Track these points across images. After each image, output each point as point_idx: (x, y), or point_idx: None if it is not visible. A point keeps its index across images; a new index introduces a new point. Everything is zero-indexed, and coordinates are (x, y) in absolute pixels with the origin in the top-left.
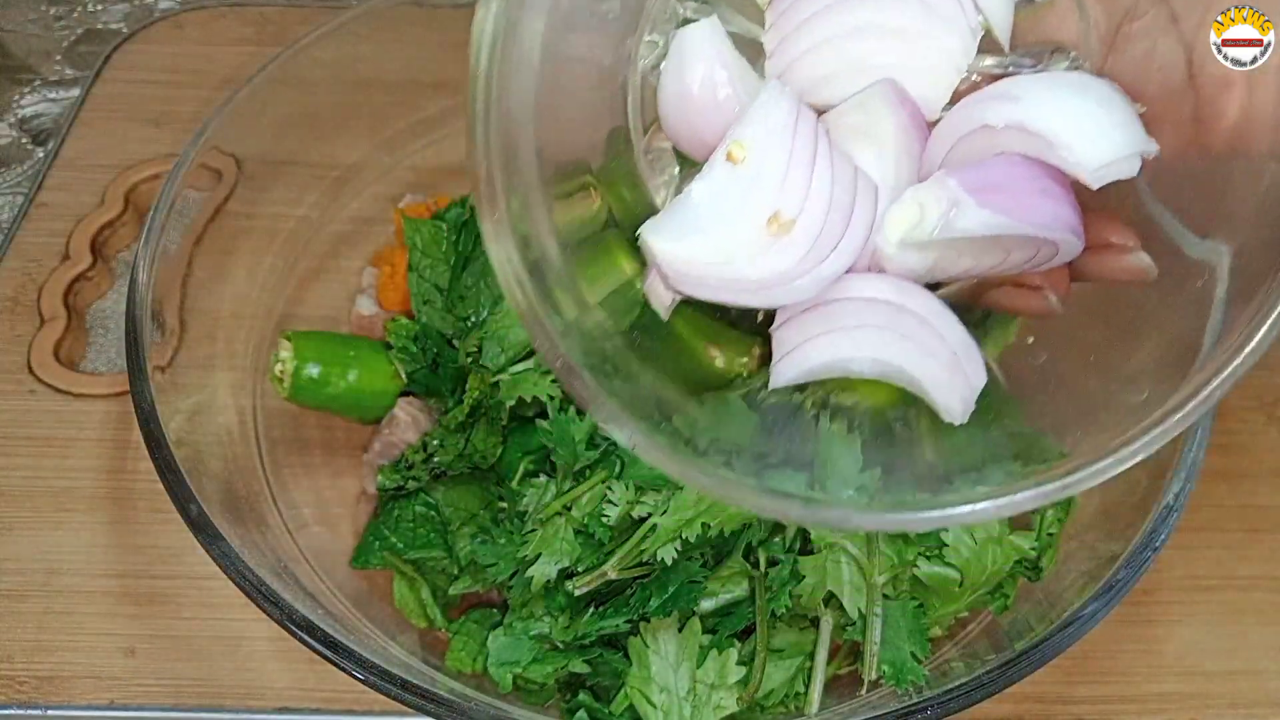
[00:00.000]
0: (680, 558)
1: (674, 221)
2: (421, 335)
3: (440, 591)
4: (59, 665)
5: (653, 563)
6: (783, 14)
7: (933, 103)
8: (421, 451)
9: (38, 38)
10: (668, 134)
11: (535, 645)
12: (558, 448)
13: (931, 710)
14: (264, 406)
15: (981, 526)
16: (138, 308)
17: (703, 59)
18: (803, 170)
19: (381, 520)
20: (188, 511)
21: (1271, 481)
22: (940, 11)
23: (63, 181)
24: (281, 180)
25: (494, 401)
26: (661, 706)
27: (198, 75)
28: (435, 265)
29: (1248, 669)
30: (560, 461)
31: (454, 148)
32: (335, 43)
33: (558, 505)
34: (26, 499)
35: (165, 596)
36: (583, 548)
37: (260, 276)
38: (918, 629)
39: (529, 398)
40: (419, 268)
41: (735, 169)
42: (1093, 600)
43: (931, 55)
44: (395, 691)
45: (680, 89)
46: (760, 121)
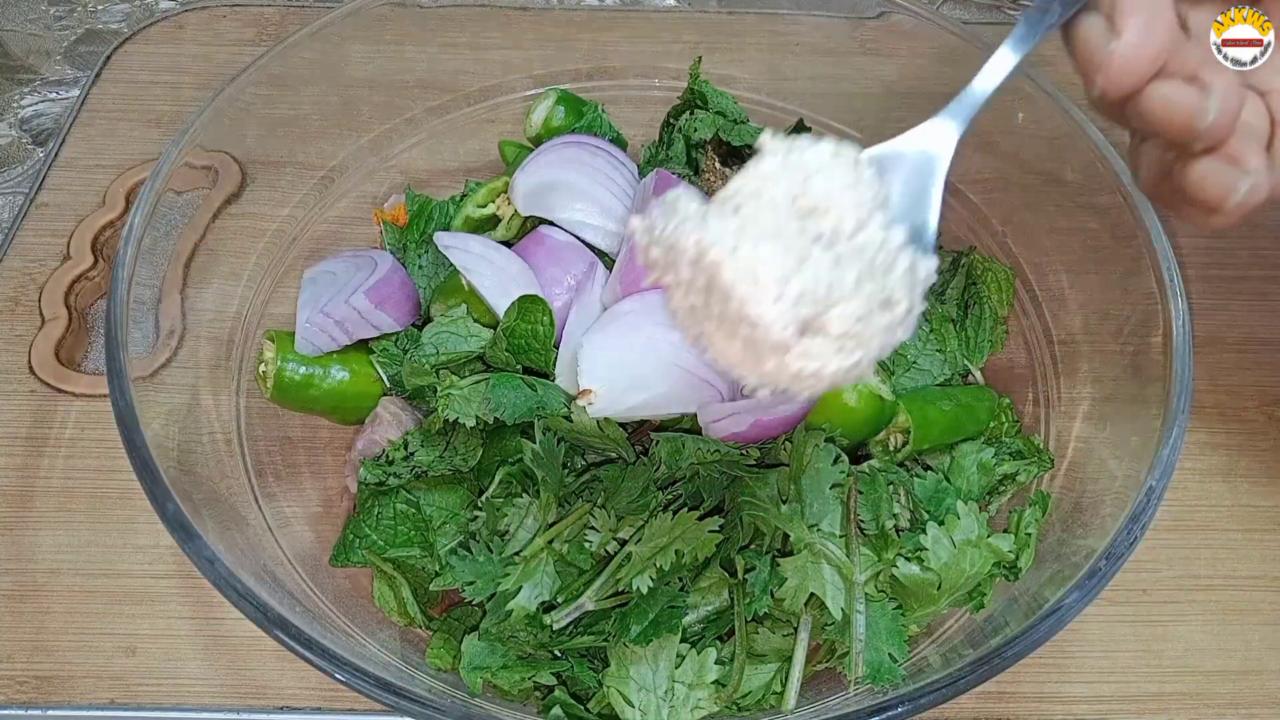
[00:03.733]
0: (657, 584)
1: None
2: (403, 338)
3: (421, 589)
4: (59, 665)
5: (629, 591)
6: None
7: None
8: (403, 449)
9: (38, 38)
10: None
11: (507, 652)
12: (544, 474)
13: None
14: (247, 406)
15: (960, 530)
16: (118, 307)
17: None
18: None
19: (362, 517)
20: (164, 510)
21: (1270, 481)
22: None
23: (63, 181)
24: (267, 180)
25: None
26: (640, 705)
27: (198, 75)
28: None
29: (1248, 669)
30: (545, 490)
31: (439, 148)
32: (320, 43)
33: (542, 541)
34: (26, 499)
35: (165, 596)
36: (562, 578)
37: (245, 276)
38: (896, 630)
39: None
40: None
41: None
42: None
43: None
44: (370, 689)
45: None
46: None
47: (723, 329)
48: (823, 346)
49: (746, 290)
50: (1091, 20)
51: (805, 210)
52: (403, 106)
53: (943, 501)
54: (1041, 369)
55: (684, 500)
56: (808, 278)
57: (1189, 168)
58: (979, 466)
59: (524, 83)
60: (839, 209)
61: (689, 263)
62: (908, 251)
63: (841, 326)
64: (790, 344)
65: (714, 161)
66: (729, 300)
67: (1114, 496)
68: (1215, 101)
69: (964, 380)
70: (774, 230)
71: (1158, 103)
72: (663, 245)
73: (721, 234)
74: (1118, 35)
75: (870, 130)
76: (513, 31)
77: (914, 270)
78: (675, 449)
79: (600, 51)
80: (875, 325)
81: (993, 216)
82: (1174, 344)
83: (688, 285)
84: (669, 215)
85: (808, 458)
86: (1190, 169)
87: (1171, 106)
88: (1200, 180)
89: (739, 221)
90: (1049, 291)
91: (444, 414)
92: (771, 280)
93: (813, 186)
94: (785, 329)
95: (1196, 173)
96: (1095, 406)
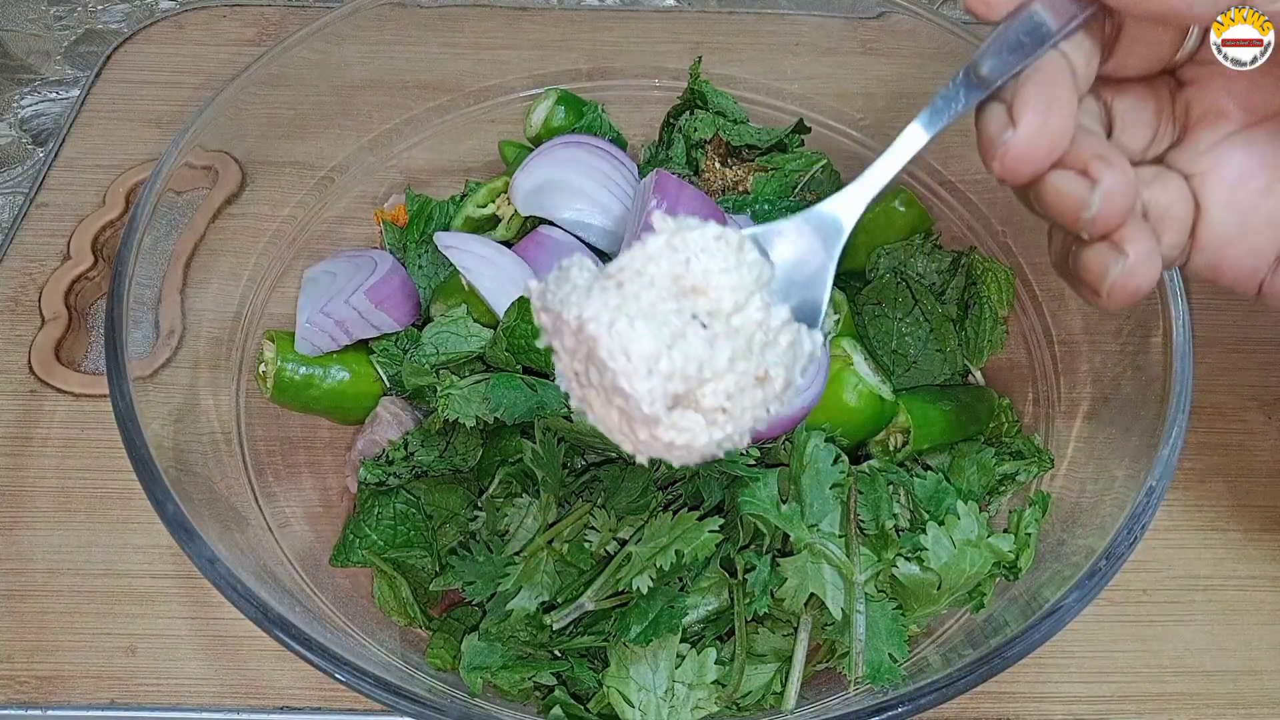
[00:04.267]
0: (657, 584)
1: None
2: (403, 338)
3: (421, 588)
4: (59, 665)
5: (629, 592)
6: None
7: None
8: (403, 449)
9: (38, 38)
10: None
11: (507, 652)
12: (544, 474)
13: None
14: (248, 406)
15: (960, 530)
16: (118, 307)
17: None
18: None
19: (361, 517)
20: (164, 510)
21: (1271, 481)
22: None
23: (63, 181)
24: (267, 180)
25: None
26: (639, 705)
27: (198, 75)
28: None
29: (1248, 669)
30: (545, 490)
31: (439, 148)
32: (320, 42)
33: (542, 541)
34: (26, 499)
35: (165, 596)
36: (562, 578)
37: (245, 276)
38: (896, 630)
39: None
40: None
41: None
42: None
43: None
44: (369, 689)
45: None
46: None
47: (601, 397)
48: (694, 420)
49: (620, 365)
50: (994, 109)
51: (685, 289)
52: (403, 106)
53: (943, 501)
54: (1041, 369)
55: (684, 500)
56: (679, 355)
57: (1080, 253)
58: (979, 466)
59: (524, 83)
60: (718, 289)
61: (571, 333)
62: (791, 328)
63: (713, 402)
64: (660, 418)
65: (714, 161)
66: (605, 371)
67: (1114, 496)
68: (1099, 195)
69: (964, 380)
70: (651, 308)
71: (1049, 192)
72: (550, 313)
73: (601, 309)
74: (1014, 127)
75: (870, 130)
76: (513, 31)
77: (797, 346)
78: None
79: (600, 51)
80: (748, 400)
81: (993, 216)
82: (1174, 344)
83: (571, 352)
84: (560, 283)
85: (808, 458)
86: (1081, 255)
87: (1060, 197)
88: (1084, 266)
89: (619, 298)
90: (1049, 291)
91: (444, 414)
92: (643, 356)
93: (694, 267)
94: (654, 404)
95: (1083, 259)
96: (1095, 406)
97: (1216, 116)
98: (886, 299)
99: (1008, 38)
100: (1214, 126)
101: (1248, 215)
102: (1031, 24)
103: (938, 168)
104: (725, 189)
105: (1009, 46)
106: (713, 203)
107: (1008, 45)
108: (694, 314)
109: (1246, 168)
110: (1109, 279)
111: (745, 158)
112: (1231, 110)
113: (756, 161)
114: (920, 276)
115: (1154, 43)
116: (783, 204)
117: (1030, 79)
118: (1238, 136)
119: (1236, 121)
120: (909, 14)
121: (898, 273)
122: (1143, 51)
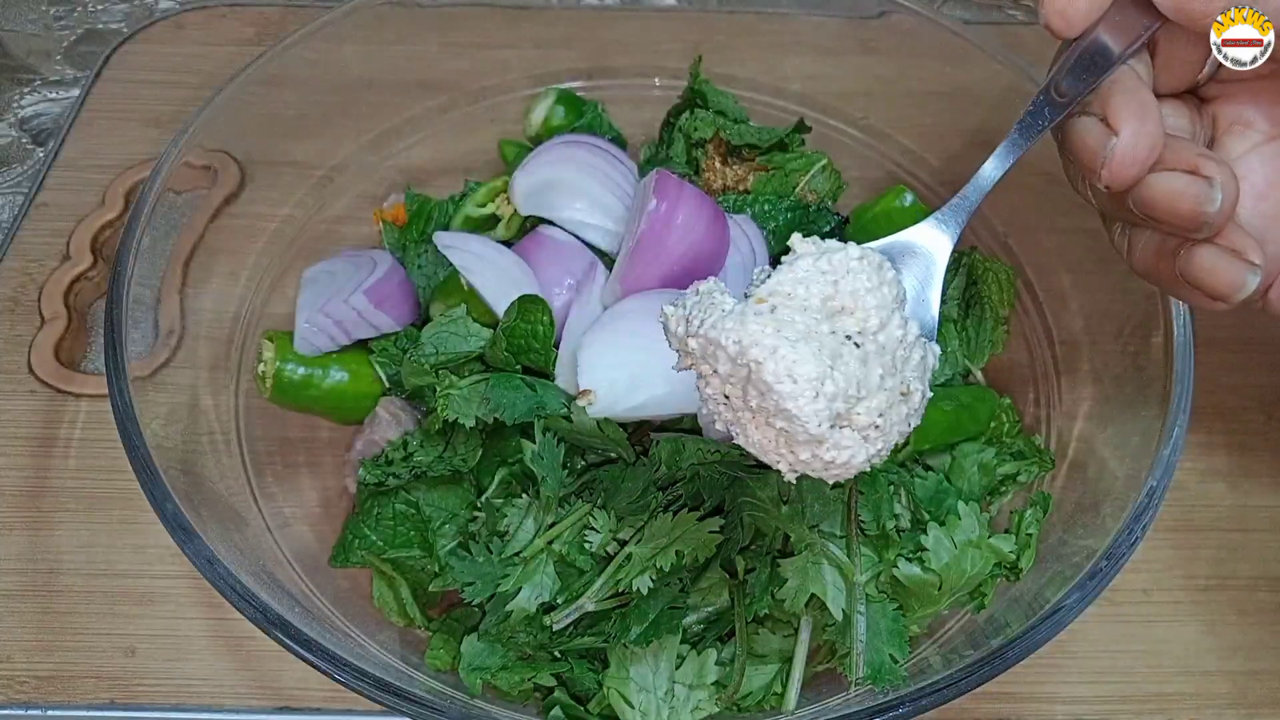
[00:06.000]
0: (657, 585)
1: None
2: (403, 338)
3: (420, 589)
4: (59, 665)
5: (629, 592)
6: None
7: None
8: (402, 450)
9: (38, 38)
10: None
11: (507, 653)
12: (544, 475)
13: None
14: (247, 406)
15: (961, 530)
16: (117, 307)
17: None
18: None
19: (361, 517)
20: (164, 510)
21: (1270, 481)
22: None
23: (63, 181)
24: (266, 180)
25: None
26: (640, 706)
27: (198, 75)
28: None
29: (1248, 669)
30: (545, 490)
31: (439, 147)
32: (320, 42)
33: (541, 542)
34: (26, 499)
35: (165, 596)
36: (563, 579)
37: (244, 276)
38: (897, 631)
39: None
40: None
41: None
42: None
43: None
44: (369, 690)
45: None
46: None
47: (758, 419)
48: (851, 438)
49: (786, 388)
50: (1086, 122)
51: (835, 311)
52: (402, 106)
53: (944, 502)
54: (1043, 369)
55: (684, 501)
56: (840, 376)
57: (1193, 255)
58: (980, 467)
59: (524, 82)
60: (865, 309)
61: (729, 358)
62: (920, 344)
63: (868, 419)
64: (824, 437)
65: (714, 161)
66: (767, 395)
67: (1115, 497)
68: (1219, 191)
69: (965, 380)
70: (808, 331)
71: (1162, 192)
72: (700, 338)
73: (761, 334)
74: (1116, 133)
75: (870, 130)
76: (512, 31)
77: (926, 360)
78: (675, 449)
79: (600, 51)
80: (895, 415)
81: (994, 216)
82: (1175, 344)
83: (725, 377)
84: (705, 308)
85: None
86: (1195, 258)
87: (1177, 197)
88: (1208, 272)
89: (775, 322)
90: (1050, 291)
91: (443, 414)
92: (808, 379)
93: (842, 288)
94: (820, 425)
95: (1202, 264)
96: (1096, 406)
97: (1243, 127)
98: None
99: (1083, 56)
100: (1241, 137)
101: (1270, 223)
102: (1101, 44)
103: (938, 168)
104: (725, 188)
105: (1085, 65)
106: (713, 202)
107: (1084, 64)
108: (847, 334)
109: (1271, 177)
110: (1244, 291)
111: (745, 157)
112: (1257, 121)
113: (757, 161)
114: None
115: (1187, 60)
116: (783, 203)
117: (1117, 89)
118: (1265, 148)
119: (1263, 133)
120: (909, 14)
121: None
122: (1176, 69)
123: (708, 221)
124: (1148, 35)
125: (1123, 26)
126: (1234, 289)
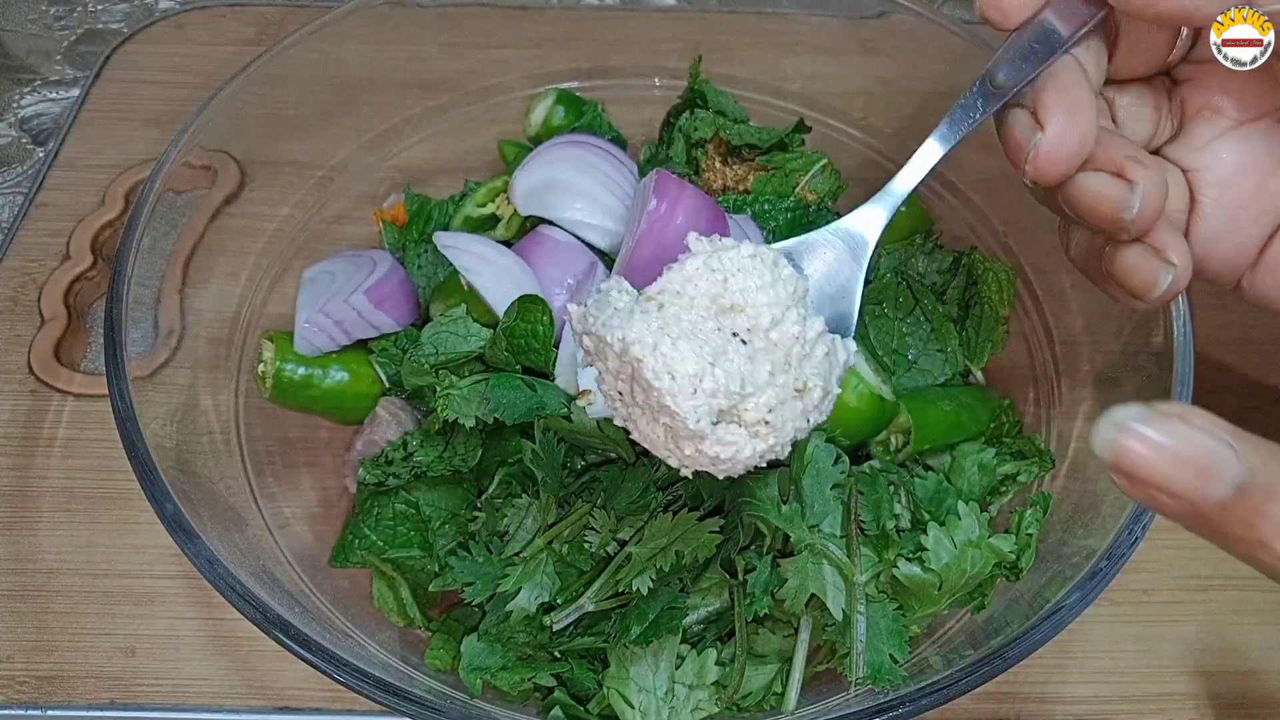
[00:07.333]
0: (657, 585)
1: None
2: (402, 338)
3: (420, 589)
4: (59, 665)
5: (629, 592)
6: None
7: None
8: (402, 449)
9: (38, 38)
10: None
11: (507, 653)
12: (544, 475)
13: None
14: (246, 406)
15: (961, 530)
16: (117, 307)
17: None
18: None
19: (361, 517)
20: (163, 510)
21: None
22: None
23: (63, 181)
24: (266, 180)
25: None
26: (639, 706)
27: (198, 75)
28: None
29: (1248, 669)
30: (545, 490)
31: (439, 147)
32: (320, 42)
33: (541, 542)
34: (26, 499)
35: (165, 596)
36: (562, 579)
37: (244, 276)
38: (897, 631)
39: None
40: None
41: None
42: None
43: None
44: (369, 690)
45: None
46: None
47: (646, 414)
48: (736, 433)
49: (665, 384)
50: (1018, 115)
51: (724, 308)
52: (402, 106)
53: (944, 502)
54: (1043, 369)
55: (684, 501)
56: (721, 373)
57: (1116, 255)
58: (980, 467)
59: (524, 82)
60: (755, 306)
61: (615, 355)
62: (825, 340)
63: (756, 415)
64: (705, 433)
65: (714, 161)
66: (650, 391)
67: (1115, 497)
68: (1139, 197)
69: (965, 380)
70: (692, 328)
71: (1085, 194)
72: (593, 336)
73: (645, 332)
74: (1042, 129)
75: (870, 129)
76: (512, 31)
77: (832, 356)
78: None
79: (600, 51)
80: (789, 412)
81: (993, 216)
82: (1175, 344)
83: (615, 374)
84: (601, 307)
85: (808, 458)
86: (1118, 257)
87: (1098, 199)
88: (1127, 271)
89: (661, 319)
90: (1050, 291)
91: (443, 414)
92: (687, 376)
93: (731, 286)
94: (699, 421)
95: (1124, 263)
96: (1096, 407)
97: (1212, 112)
98: (887, 299)
99: (1021, 46)
100: (1210, 122)
101: (1238, 212)
102: (1043, 31)
103: (938, 168)
104: (725, 188)
105: (1023, 54)
106: (713, 202)
107: (1021, 53)
108: (734, 332)
109: (1239, 164)
110: (1159, 289)
111: (745, 157)
112: (1226, 107)
113: (757, 161)
114: (921, 276)
115: (1153, 45)
116: (783, 203)
117: (1050, 83)
118: (1233, 133)
119: (1231, 118)
120: (909, 14)
121: (899, 272)
122: (1142, 54)
123: (708, 221)
124: (1093, 23)
125: (1065, 15)
126: (1148, 288)
